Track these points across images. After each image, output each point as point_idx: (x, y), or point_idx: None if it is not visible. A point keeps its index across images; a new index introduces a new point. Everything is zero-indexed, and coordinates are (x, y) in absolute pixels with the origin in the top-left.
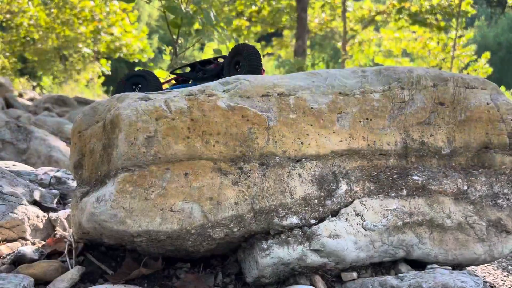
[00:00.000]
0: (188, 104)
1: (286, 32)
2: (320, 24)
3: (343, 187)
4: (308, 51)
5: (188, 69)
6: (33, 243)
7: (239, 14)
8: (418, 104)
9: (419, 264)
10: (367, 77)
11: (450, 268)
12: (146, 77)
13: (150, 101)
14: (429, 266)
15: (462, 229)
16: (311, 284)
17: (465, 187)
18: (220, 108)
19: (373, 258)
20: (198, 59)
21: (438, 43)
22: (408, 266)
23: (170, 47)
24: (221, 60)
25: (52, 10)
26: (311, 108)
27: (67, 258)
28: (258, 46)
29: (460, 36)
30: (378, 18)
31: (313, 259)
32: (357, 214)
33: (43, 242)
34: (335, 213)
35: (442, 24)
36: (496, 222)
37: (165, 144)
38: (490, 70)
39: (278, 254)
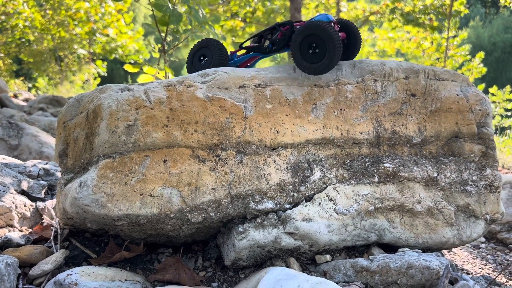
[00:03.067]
0: (167, 94)
1: None
2: None
3: (317, 174)
4: None
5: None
6: (21, 231)
7: (234, 15)
8: (390, 95)
9: (391, 248)
10: (342, 70)
11: (421, 251)
12: (211, 48)
13: (130, 92)
14: (400, 250)
15: (432, 214)
16: (287, 266)
17: (435, 174)
18: (199, 98)
19: (346, 241)
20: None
21: (432, 43)
22: (380, 250)
23: (159, 45)
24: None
25: (47, 12)
26: (287, 99)
27: (53, 244)
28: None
29: (454, 36)
30: (372, 18)
31: (288, 241)
32: (330, 199)
33: (31, 230)
34: (309, 199)
35: (435, 24)
36: (465, 208)
37: (145, 132)
38: (484, 70)
39: (254, 237)
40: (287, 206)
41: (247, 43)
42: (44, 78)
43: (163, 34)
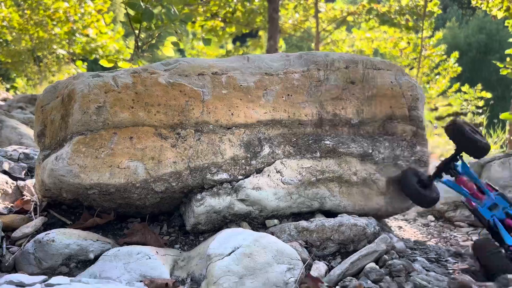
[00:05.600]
0: (133, 80)
1: (260, 33)
2: (294, 25)
3: (267, 150)
4: (285, 51)
5: None
6: (3, 204)
7: (214, 15)
8: (332, 82)
9: (333, 215)
10: (290, 61)
11: (357, 216)
12: None
13: (100, 78)
14: (339, 215)
15: (367, 184)
16: None
17: (370, 150)
18: (161, 84)
19: (292, 208)
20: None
21: (408, 43)
22: (323, 216)
23: (133, 41)
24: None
25: (25, 11)
26: (241, 85)
27: (33, 214)
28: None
29: (430, 37)
30: (349, 18)
31: (240, 207)
32: (278, 171)
33: (12, 204)
34: (259, 171)
35: (411, 24)
36: (397, 180)
37: (113, 112)
38: (459, 69)
39: (210, 203)
40: (240, 177)
41: None
42: (22, 78)
43: (136, 31)
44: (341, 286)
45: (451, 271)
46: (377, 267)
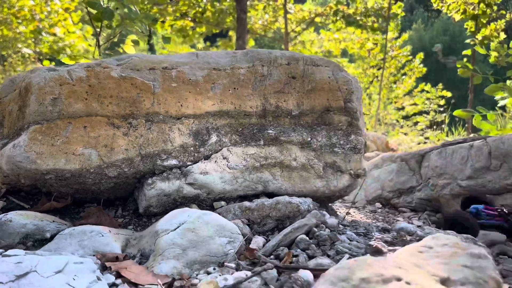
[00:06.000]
0: (87, 73)
1: (231, 33)
2: (264, 26)
3: (214, 138)
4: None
5: None
6: None
7: (184, 15)
8: (275, 77)
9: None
10: (236, 57)
11: (297, 197)
12: None
13: (55, 72)
14: (286, 197)
15: (305, 169)
16: None
17: (309, 139)
18: (113, 77)
19: (238, 191)
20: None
21: (376, 44)
22: (267, 198)
23: (94, 39)
24: None
25: None
26: (190, 79)
27: None
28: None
29: (397, 38)
30: (317, 20)
31: (188, 190)
32: (224, 158)
33: None
34: (207, 157)
35: (376, 25)
36: (333, 164)
37: (67, 103)
38: (424, 69)
39: (161, 186)
40: (189, 163)
41: None
42: None
43: (98, 30)
44: (274, 255)
45: (372, 241)
46: (307, 238)
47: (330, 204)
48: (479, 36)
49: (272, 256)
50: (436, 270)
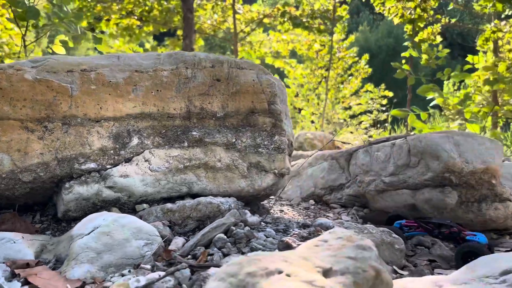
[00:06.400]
0: None
1: (179, 32)
2: (213, 25)
3: (135, 141)
4: (198, 51)
5: None
6: None
7: (129, 13)
8: (199, 80)
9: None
10: (160, 60)
11: (222, 197)
12: None
13: None
14: (208, 197)
15: (230, 169)
16: None
17: (234, 140)
18: (27, 80)
19: (161, 193)
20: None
21: (324, 45)
22: (192, 199)
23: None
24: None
25: None
26: (110, 81)
27: None
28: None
29: (344, 39)
30: (266, 20)
31: (108, 193)
32: (146, 160)
33: None
34: (128, 160)
35: (322, 27)
36: (257, 164)
37: None
38: (370, 70)
39: (78, 190)
40: (109, 166)
41: None
42: None
43: (23, 29)
44: (192, 255)
45: (289, 236)
46: (225, 236)
47: (262, 203)
48: (417, 39)
49: (189, 256)
50: (321, 262)
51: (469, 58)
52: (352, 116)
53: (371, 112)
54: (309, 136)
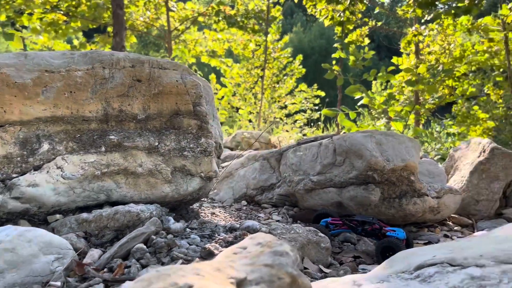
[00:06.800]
0: None
1: (109, 29)
2: (146, 23)
3: (46, 147)
4: (131, 48)
5: None
6: None
7: (55, 8)
8: (118, 80)
9: (122, 205)
10: (74, 59)
11: (143, 204)
12: None
13: None
14: (127, 205)
15: (153, 174)
16: None
17: (157, 143)
18: None
19: (76, 202)
20: None
21: (260, 45)
22: (111, 207)
23: None
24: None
25: None
26: (15, 82)
27: None
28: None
29: (278, 40)
30: (200, 19)
31: (14, 205)
32: (58, 167)
33: None
34: (37, 168)
35: (256, 27)
36: (182, 168)
37: None
38: (304, 70)
39: None
40: (15, 175)
41: None
42: None
43: None
44: (108, 268)
45: (213, 242)
46: (144, 247)
47: (192, 207)
48: (346, 41)
49: (105, 269)
50: (236, 272)
51: (394, 59)
52: (288, 115)
53: (305, 111)
54: (246, 135)
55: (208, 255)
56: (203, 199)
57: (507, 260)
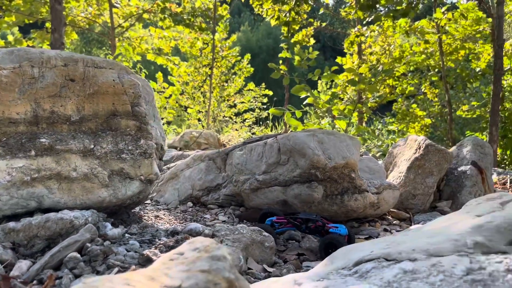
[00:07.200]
0: None
1: (48, 25)
2: (87, 19)
3: None
4: (71, 45)
5: None
6: None
7: None
8: (49, 80)
9: (56, 212)
10: None
11: (79, 210)
12: None
13: None
14: (60, 212)
15: (88, 179)
16: None
17: (92, 146)
18: None
19: (3, 210)
20: None
21: (207, 44)
22: (43, 214)
23: None
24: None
25: None
26: None
27: None
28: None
29: (226, 39)
30: (145, 16)
31: None
32: None
33: None
34: None
35: (203, 25)
36: (120, 171)
37: None
38: (252, 69)
39: None
40: None
41: None
42: None
43: None
44: (37, 280)
45: (153, 248)
46: (78, 255)
47: (133, 211)
48: (292, 41)
49: (34, 282)
50: (171, 280)
51: (338, 59)
52: (237, 114)
53: (253, 110)
54: (194, 134)
55: (146, 261)
56: (148, 202)
57: (436, 253)
